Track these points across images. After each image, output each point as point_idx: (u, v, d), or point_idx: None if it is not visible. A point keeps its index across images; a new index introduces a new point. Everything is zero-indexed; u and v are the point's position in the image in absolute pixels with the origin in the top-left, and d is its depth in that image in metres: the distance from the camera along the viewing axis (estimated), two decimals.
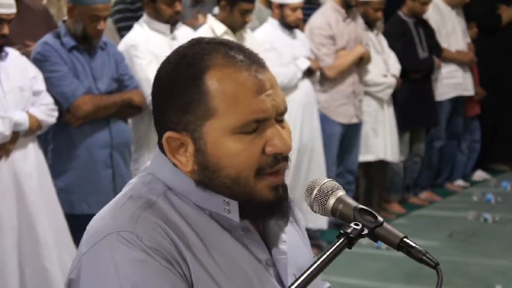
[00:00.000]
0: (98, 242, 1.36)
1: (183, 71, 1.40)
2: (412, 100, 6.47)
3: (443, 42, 6.86)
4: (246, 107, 1.36)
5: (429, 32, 6.66)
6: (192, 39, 1.46)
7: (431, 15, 6.78)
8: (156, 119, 1.45)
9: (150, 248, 1.33)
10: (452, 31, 7.01)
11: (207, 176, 1.40)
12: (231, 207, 1.41)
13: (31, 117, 3.88)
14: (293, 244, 1.53)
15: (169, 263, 1.34)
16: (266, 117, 1.38)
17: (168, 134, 1.40)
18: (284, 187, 1.43)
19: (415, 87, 6.49)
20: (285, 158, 1.41)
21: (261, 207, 1.41)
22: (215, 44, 1.42)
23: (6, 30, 3.77)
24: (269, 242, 1.48)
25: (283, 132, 1.40)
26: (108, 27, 4.85)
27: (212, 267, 1.38)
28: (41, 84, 3.99)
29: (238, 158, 1.37)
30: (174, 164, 1.43)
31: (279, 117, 1.41)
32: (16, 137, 3.84)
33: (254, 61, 1.41)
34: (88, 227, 1.43)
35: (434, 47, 6.66)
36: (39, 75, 4.00)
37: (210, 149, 1.38)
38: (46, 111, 3.96)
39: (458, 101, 7.10)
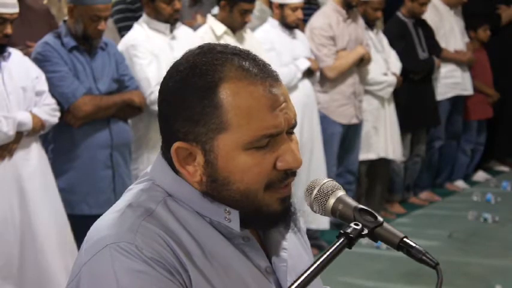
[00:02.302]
0: (98, 252, 1.34)
1: (194, 81, 1.36)
2: (413, 101, 6.47)
3: (442, 42, 6.87)
4: (259, 122, 1.34)
5: (428, 32, 6.66)
6: (203, 46, 1.42)
7: (429, 15, 6.79)
8: (164, 128, 1.42)
9: (150, 258, 1.32)
10: (450, 31, 7.02)
11: (216, 189, 1.39)
12: (232, 216, 1.40)
13: (34, 117, 3.88)
14: (294, 251, 1.52)
15: (170, 273, 1.32)
16: (278, 132, 1.36)
17: (177, 144, 1.38)
18: (290, 196, 1.43)
19: (415, 88, 6.49)
20: (294, 173, 1.40)
21: (268, 218, 1.40)
22: (228, 53, 1.38)
23: (9, 30, 3.77)
24: (269, 249, 1.47)
25: (294, 148, 1.39)
26: (109, 27, 4.84)
27: (212, 275, 1.37)
28: (43, 85, 4.00)
29: (249, 173, 1.36)
30: (175, 171, 1.42)
31: (289, 129, 1.40)
32: (19, 137, 3.85)
33: (268, 74, 1.38)
34: (88, 236, 1.41)
35: (434, 47, 6.66)
36: (41, 76, 4.00)
37: (220, 163, 1.36)
38: (49, 112, 3.97)
39: (457, 101, 7.10)
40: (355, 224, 1.35)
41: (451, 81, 6.99)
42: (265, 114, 1.35)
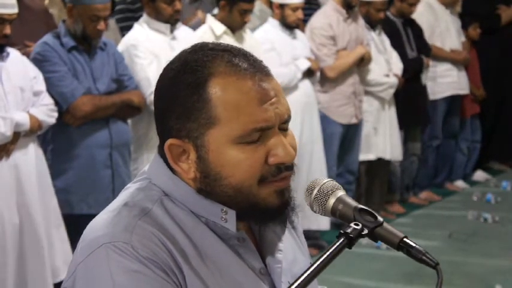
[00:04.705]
0: (93, 251, 1.34)
1: (185, 78, 1.38)
2: (403, 99, 6.44)
3: (437, 41, 6.87)
4: (248, 116, 1.35)
5: (418, 31, 6.65)
6: (196, 45, 1.44)
7: (425, 14, 6.79)
8: (158, 125, 1.43)
9: (146, 258, 1.32)
10: (446, 30, 7.01)
11: (209, 185, 1.38)
12: (228, 217, 1.40)
13: (32, 117, 3.88)
14: (289, 252, 1.51)
15: (165, 273, 1.33)
16: (269, 126, 1.36)
17: (170, 141, 1.39)
18: (289, 190, 1.42)
19: (405, 87, 6.45)
20: (288, 168, 1.40)
21: (265, 213, 1.40)
22: (219, 50, 1.40)
23: (8, 30, 3.77)
24: (264, 250, 1.47)
25: (286, 142, 1.39)
26: (111, 27, 4.84)
27: (206, 276, 1.37)
28: (41, 85, 4.00)
29: (240, 167, 1.36)
30: (171, 170, 1.42)
31: (282, 125, 1.40)
32: (17, 138, 3.85)
33: (258, 69, 1.39)
34: (83, 235, 1.41)
35: (423, 47, 6.65)
36: (39, 76, 4.00)
37: (212, 158, 1.37)
38: (46, 112, 3.97)
39: (454, 100, 7.09)
40: (355, 224, 1.35)
41: (448, 81, 6.99)
42: (254, 108, 1.35)
